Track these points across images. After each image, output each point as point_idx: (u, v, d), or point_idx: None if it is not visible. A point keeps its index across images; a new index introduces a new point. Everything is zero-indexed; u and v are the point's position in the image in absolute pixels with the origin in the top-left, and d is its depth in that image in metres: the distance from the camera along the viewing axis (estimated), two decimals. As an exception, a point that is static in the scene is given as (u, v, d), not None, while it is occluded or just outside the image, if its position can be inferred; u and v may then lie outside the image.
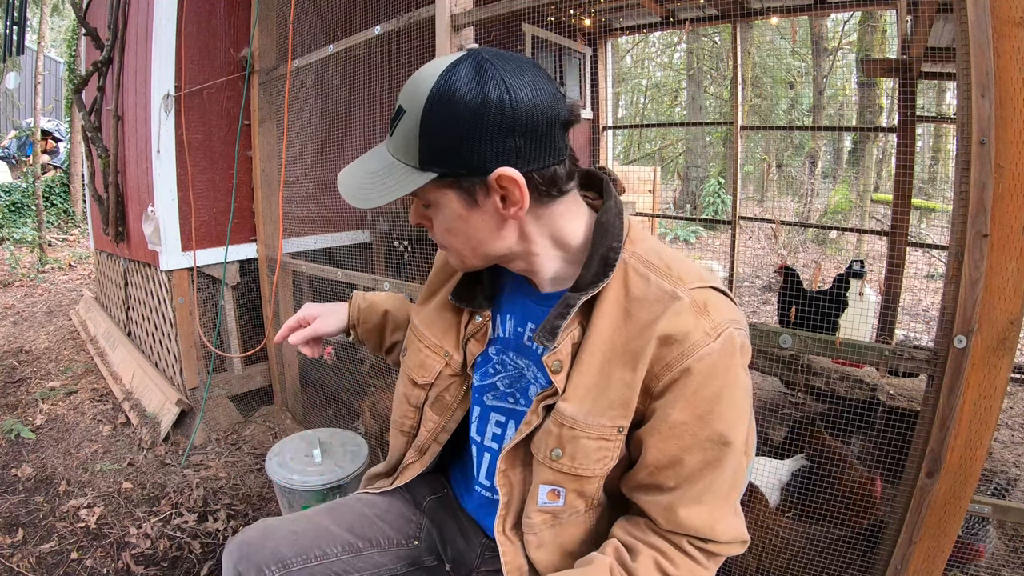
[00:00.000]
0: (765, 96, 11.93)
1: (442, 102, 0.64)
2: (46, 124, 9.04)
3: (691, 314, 0.67)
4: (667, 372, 0.67)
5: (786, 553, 1.43)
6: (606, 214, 0.75)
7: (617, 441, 0.71)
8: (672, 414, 0.67)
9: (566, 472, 0.72)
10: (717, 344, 0.66)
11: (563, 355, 0.72)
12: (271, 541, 0.85)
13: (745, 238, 6.70)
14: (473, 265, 0.78)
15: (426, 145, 0.66)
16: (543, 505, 0.74)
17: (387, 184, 0.69)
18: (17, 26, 5.16)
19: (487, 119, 0.63)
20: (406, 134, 0.67)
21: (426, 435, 0.90)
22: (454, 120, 0.64)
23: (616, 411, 0.70)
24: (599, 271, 0.71)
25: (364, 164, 0.73)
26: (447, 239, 0.75)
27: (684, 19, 3.34)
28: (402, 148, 0.68)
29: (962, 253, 0.98)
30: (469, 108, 0.63)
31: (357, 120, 2.40)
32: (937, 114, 7.49)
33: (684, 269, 0.72)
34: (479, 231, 0.72)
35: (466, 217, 0.70)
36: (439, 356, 0.87)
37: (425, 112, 0.65)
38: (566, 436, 0.71)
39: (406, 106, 0.67)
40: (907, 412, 1.48)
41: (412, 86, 0.67)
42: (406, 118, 0.67)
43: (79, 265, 6.39)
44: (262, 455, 2.42)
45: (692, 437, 0.67)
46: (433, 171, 0.67)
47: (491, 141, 0.64)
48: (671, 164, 13.34)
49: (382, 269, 2.93)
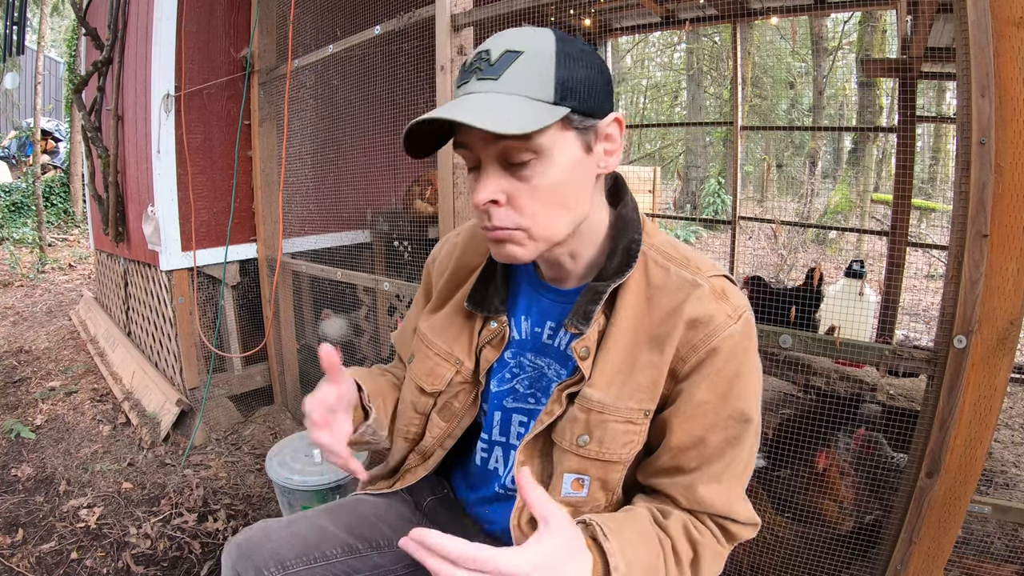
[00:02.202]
0: (765, 96, 11.93)
1: (568, 42, 0.67)
2: (46, 124, 9.04)
3: (712, 299, 0.71)
4: (694, 353, 0.70)
5: (780, 550, 1.43)
6: (625, 208, 0.79)
7: (643, 425, 0.73)
8: (697, 394, 0.70)
9: (593, 458, 0.73)
10: (739, 326, 0.71)
11: (590, 342, 0.74)
12: (271, 542, 0.85)
13: (745, 238, 6.70)
14: (535, 249, 0.72)
15: (561, 80, 0.65)
16: (566, 495, 0.75)
17: (525, 114, 0.63)
18: (17, 26, 5.17)
19: (604, 66, 0.69)
20: (534, 69, 0.65)
21: (431, 441, 0.90)
22: (587, 58, 0.68)
23: (644, 394, 0.72)
24: (622, 262, 0.74)
25: (478, 101, 0.65)
26: (534, 208, 0.68)
27: (684, 19, 3.34)
28: (527, 84, 0.65)
29: (962, 253, 0.98)
30: (590, 52, 0.68)
31: (357, 120, 2.39)
32: (937, 114, 7.49)
33: (699, 260, 0.76)
34: (580, 186, 0.70)
35: (577, 165, 0.69)
36: (450, 364, 0.86)
37: (559, 47, 0.66)
38: (594, 421, 0.73)
39: (520, 47, 0.66)
40: (907, 412, 1.48)
41: (512, 35, 0.67)
42: (526, 56, 0.65)
43: (79, 265, 6.39)
44: (262, 455, 2.42)
45: (715, 415, 0.70)
46: (566, 106, 0.65)
47: (606, 87, 0.69)
48: (671, 164, 13.35)
49: (382, 269, 2.93)
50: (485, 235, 0.73)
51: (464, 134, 0.69)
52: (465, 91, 0.67)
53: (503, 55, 0.66)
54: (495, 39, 0.68)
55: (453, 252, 0.93)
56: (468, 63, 0.69)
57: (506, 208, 0.69)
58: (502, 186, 0.68)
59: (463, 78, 0.69)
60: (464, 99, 0.65)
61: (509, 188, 0.68)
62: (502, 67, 0.65)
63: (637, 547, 0.64)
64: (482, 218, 0.71)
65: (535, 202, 0.68)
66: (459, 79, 0.70)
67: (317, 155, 2.61)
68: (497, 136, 0.63)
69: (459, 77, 0.70)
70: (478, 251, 0.90)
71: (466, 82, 0.68)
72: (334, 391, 0.77)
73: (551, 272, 0.82)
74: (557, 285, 0.82)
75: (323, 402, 0.75)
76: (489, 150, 0.67)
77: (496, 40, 0.68)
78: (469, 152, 0.70)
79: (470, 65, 0.68)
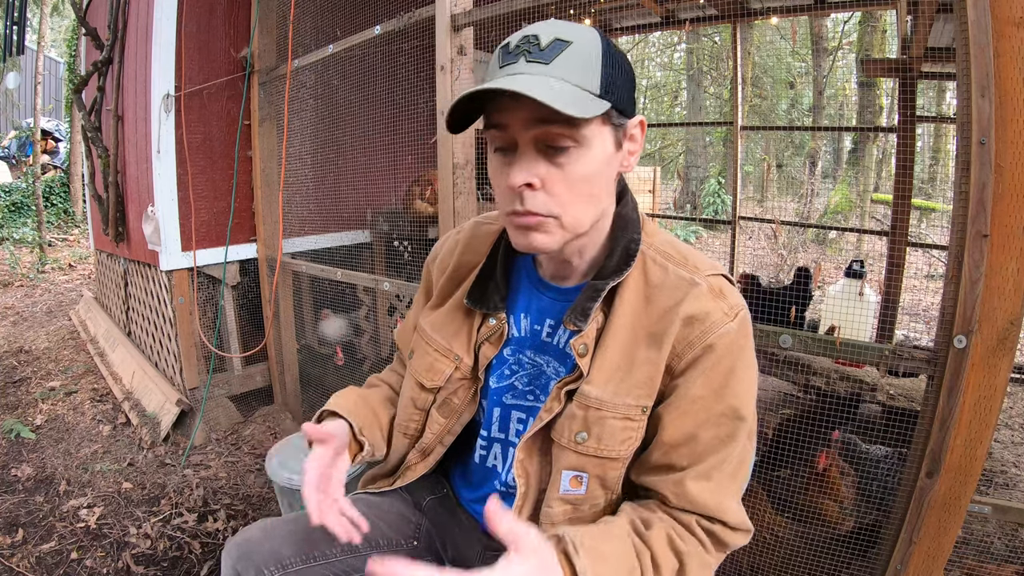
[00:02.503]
0: (765, 96, 11.93)
1: (610, 42, 0.69)
2: (46, 124, 9.04)
3: (709, 298, 0.72)
4: (690, 350, 0.71)
5: (779, 551, 1.43)
6: (625, 208, 0.79)
7: (641, 422, 0.73)
8: (691, 390, 0.71)
9: (592, 455, 0.73)
10: (735, 324, 0.71)
11: (588, 339, 0.75)
12: (270, 541, 0.85)
13: (745, 238, 6.70)
14: (561, 239, 0.71)
15: (606, 75, 0.67)
16: (565, 492, 0.75)
17: (579, 100, 0.64)
18: (17, 26, 5.17)
19: (633, 70, 0.72)
20: (583, 61, 0.66)
21: (431, 437, 0.90)
22: (623, 60, 0.70)
23: (641, 390, 0.72)
24: (621, 260, 0.75)
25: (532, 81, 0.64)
26: (567, 196, 0.69)
27: (684, 19, 3.34)
28: (578, 73, 0.65)
29: (962, 253, 0.98)
30: (625, 55, 0.70)
31: (357, 120, 2.40)
32: (937, 114, 7.49)
33: (698, 259, 0.77)
34: (607, 181, 0.73)
35: (609, 160, 0.71)
36: (449, 360, 0.87)
37: (604, 45, 0.67)
38: (592, 418, 0.73)
39: (570, 37, 0.66)
40: (907, 412, 1.48)
41: (562, 25, 0.68)
42: (576, 47, 0.66)
43: (79, 265, 6.39)
44: (262, 455, 2.42)
45: (708, 412, 0.70)
46: (608, 100, 0.67)
47: (634, 89, 0.72)
48: (671, 164, 13.35)
49: (382, 269, 2.93)
50: (511, 221, 0.72)
51: (504, 114, 0.67)
52: (512, 71, 0.66)
53: (553, 42, 0.66)
54: (542, 26, 0.68)
55: (455, 249, 0.93)
56: (512, 44, 0.68)
57: (542, 193, 0.68)
58: (538, 170, 0.67)
59: (507, 59, 0.67)
60: (516, 77, 0.64)
61: (544, 173, 0.68)
62: (553, 53, 0.65)
63: (610, 560, 0.64)
64: (513, 202, 0.69)
65: (569, 191, 0.68)
66: (502, 59, 0.68)
67: (317, 155, 2.61)
68: (544, 120, 0.64)
69: (501, 57, 0.68)
70: (479, 249, 0.90)
71: (513, 63, 0.66)
72: (328, 454, 0.82)
73: (555, 269, 0.82)
74: (558, 283, 0.83)
75: (319, 468, 0.81)
76: (529, 132, 0.66)
77: (544, 27, 0.68)
78: (502, 133, 0.68)
79: (516, 47, 0.67)
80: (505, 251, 0.87)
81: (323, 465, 0.81)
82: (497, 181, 0.72)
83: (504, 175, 0.69)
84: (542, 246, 0.71)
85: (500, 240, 0.88)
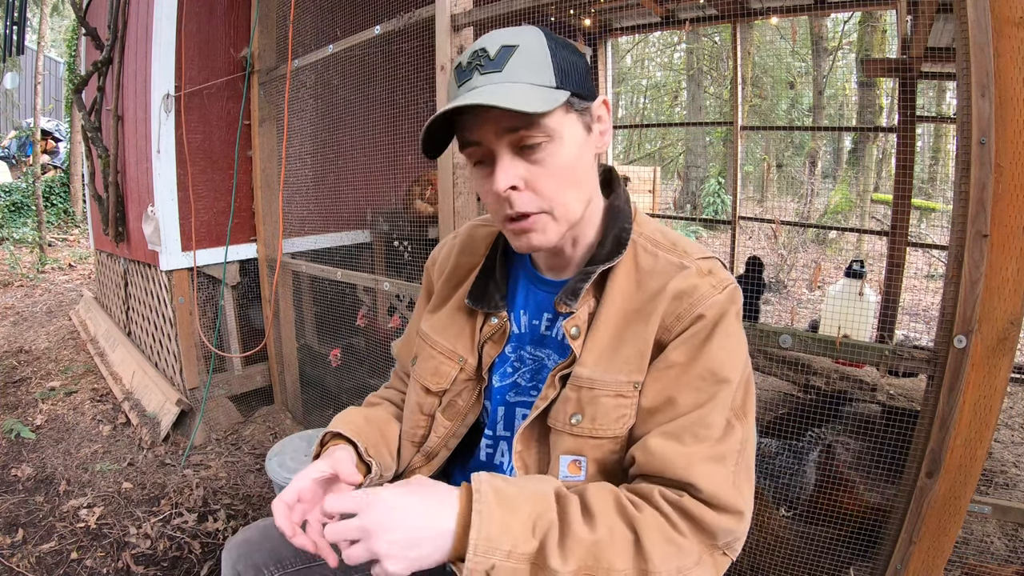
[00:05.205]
0: (765, 96, 11.93)
1: (552, 35, 0.71)
2: (46, 124, 9.04)
3: (698, 276, 0.74)
4: (679, 323, 0.72)
5: (780, 550, 1.43)
6: (617, 199, 0.82)
7: (633, 398, 0.73)
8: (671, 355, 0.72)
9: (587, 436, 0.73)
10: (723, 296, 0.72)
11: (580, 321, 0.76)
12: (270, 541, 0.85)
13: (745, 238, 6.70)
14: (557, 233, 0.74)
15: (558, 67, 0.69)
16: (564, 479, 0.74)
17: (537, 97, 0.66)
18: (17, 26, 5.16)
19: (582, 54, 0.74)
20: (533, 60, 0.69)
21: (436, 440, 0.89)
22: (570, 49, 0.72)
23: (632, 365, 0.73)
24: (613, 248, 0.77)
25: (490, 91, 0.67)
26: (552, 190, 0.71)
27: (684, 19, 3.34)
28: (530, 73, 0.68)
29: (962, 253, 0.98)
30: (569, 42, 0.72)
31: (357, 120, 2.39)
32: (937, 114, 7.49)
33: (687, 245, 0.79)
34: (587, 165, 0.75)
35: (583, 145, 0.73)
36: (453, 361, 0.86)
37: (547, 39, 0.70)
38: (585, 398, 0.73)
39: (514, 41, 0.69)
40: (907, 412, 1.48)
41: (505, 33, 0.71)
42: (523, 49, 0.69)
43: (79, 265, 6.39)
44: (262, 455, 2.42)
45: (686, 374, 0.71)
46: (566, 89, 0.69)
47: (588, 72, 0.74)
48: (671, 164, 13.35)
49: (382, 269, 2.93)
50: (505, 227, 0.75)
51: (474, 130, 0.70)
52: (470, 87, 0.69)
53: (501, 49, 0.69)
54: (486, 39, 0.71)
55: (452, 252, 0.94)
56: (464, 63, 0.71)
57: (527, 193, 0.71)
58: (519, 172, 0.70)
59: (463, 77, 0.70)
60: (474, 92, 0.67)
61: (526, 173, 0.71)
62: (503, 60, 0.68)
63: (517, 500, 0.62)
64: (503, 207, 0.72)
65: (553, 183, 0.71)
66: (458, 79, 0.71)
67: (317, 155, 2.61)
68: (512, 123, 0.67)
69: (457, 77, 0.71)
70: (477, 250, 0.91)
71: (468, 79, 0.69)
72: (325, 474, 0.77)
73: (551, 261, 0.84)
74: (553, 276, 0.84)
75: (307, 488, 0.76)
76: (503, 140, 0.69)
77: (488, 39, 0.71)
78: (478, 147, 0.71)
79: (468, 64, 0.70)
80: (503, 251, 0.88)
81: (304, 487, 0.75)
82: (484, 192, 0.75)
83: (489, 184, 0.72)
84: (541, 244, 0.74)
85: (498, 240, 0.89)
